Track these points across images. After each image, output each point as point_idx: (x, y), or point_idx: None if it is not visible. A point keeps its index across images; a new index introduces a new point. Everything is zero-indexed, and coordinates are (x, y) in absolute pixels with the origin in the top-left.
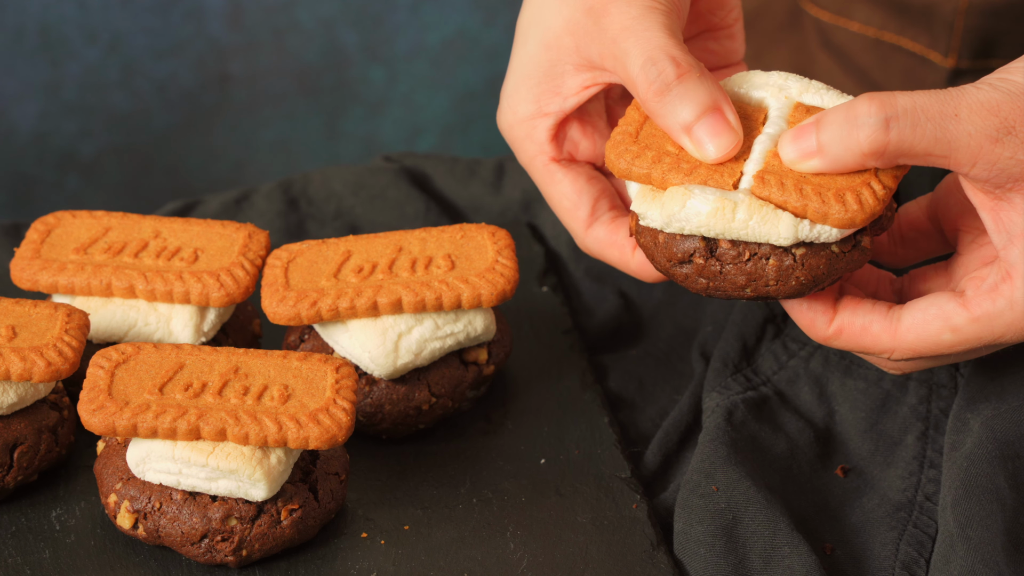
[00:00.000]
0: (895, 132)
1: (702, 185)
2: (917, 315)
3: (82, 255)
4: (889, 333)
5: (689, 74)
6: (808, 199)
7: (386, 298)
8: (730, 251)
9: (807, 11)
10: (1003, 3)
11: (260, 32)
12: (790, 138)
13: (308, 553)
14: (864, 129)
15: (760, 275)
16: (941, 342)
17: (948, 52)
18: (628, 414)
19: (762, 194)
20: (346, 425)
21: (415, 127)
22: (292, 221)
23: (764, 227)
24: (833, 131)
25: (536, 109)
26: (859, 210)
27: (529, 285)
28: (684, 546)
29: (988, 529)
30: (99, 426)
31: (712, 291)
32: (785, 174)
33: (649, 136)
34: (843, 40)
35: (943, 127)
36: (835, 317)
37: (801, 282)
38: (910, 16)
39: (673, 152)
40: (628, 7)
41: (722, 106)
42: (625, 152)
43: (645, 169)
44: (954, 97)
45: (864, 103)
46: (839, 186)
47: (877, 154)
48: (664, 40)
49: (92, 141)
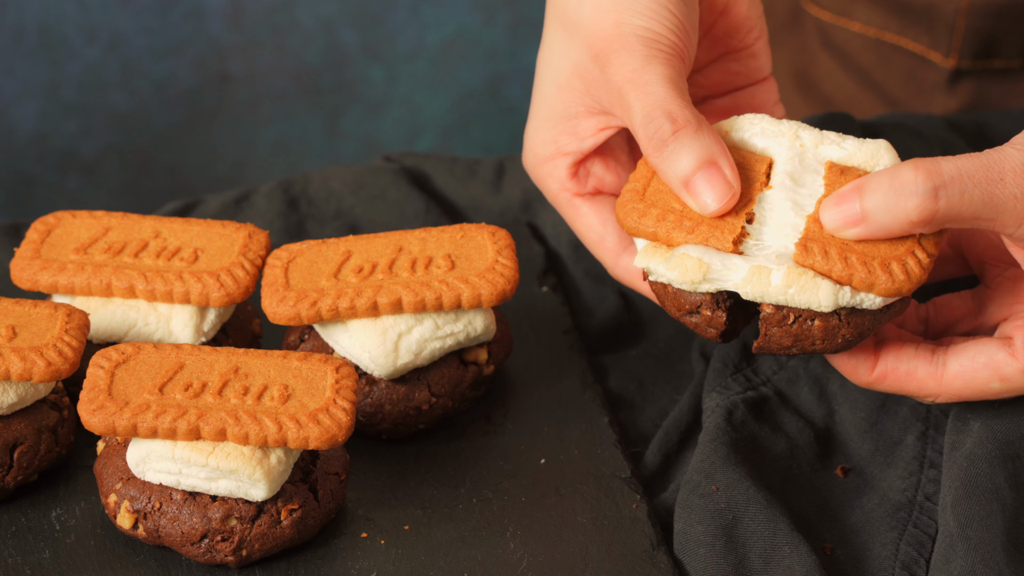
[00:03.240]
0: (944, 201)
1: (713, 250)
2: (965, 362)
3: (82, 255)
4: (935, 379)
5: (685, 129)
6: (854, 269)
7: (386, 298)
8: (774, 315)
9: (808, 11)
10: (1004, 4)
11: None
12: (832, 204)
13: (308, 553)
14: (913, 199)
15: (807, 335)
16: (989, 390)
17: (949, 52)
18: (628, 414)
19: (805, 263)
20: (346, 425)
21: (415, 127)
22: (292, 221)
23: (804, 295)
24: (878, 199)
25: (555, 150)
26: (906, 280)
27: (529, 285)
28: (684, 546)
29: (988, 529)
30: (99, 426)
31: (725, 338)
32: (828, 241)
33: (656, 192)
34: (844, 40)
35: (990, 192)
36: (877, 363)
37: (847, 339)
38: (911, 17)
39: (678, 209)
40: (630, 57)
41: (718, 160)
42: (632, 211)
43: (651, 227)
44: (997, 161)
45: (910, 171)
46: (883, 255)
47: (925, 222)
48: (663, 94)
49: (92, 141)
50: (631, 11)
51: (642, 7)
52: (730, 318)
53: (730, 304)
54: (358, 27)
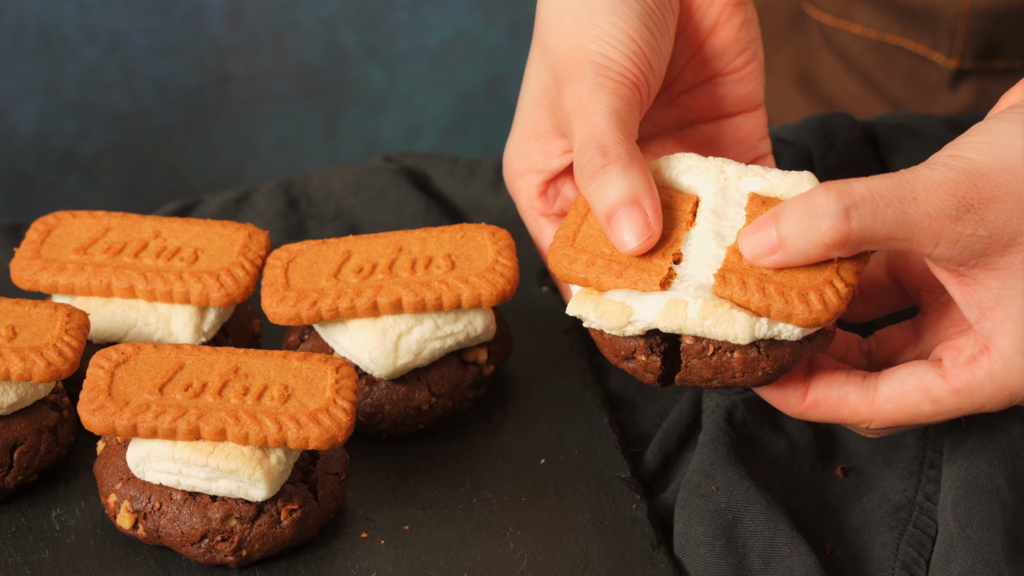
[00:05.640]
0: (856, 221)
1: (630, 291)
2: (895, 385)
3: (82, 255)
4: (867, 404)
5: (614, 164)
6: (771, 299)
7: (386, 298)
8: (694, 346)
9: (809, 14)
10: (1004, 7)
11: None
12: (749, 233)
13: (308, 553)
14: (825, 221)
15: (726, 368)
16: (920, 412)
17: (951, 53)
18: (628, 414)
19: (723, 293)
20: (346, 425)
21: (415, 127)
22: (292, 221)
23: (720, 327)
24: (792, 224)
25: (527, 166)
26: (823, 310)
27: (529, 285)
28: (684, 546)
29: (988, 529)
30: (99, 426)
31: (663, 382)
32: (746, 272)
33: (586, 238)
34: (846, 42)
35: (903, 211)
36: (808, 392)
37: (768, 372)
38: (912, 19)
39: (607, 254)
40: (579, 84)
41: (642, 199)
42: (563, 257)
43: (582, 273)
44: (909, 180)
45: (821, 194)
46: (801, 284)
47: (839, 244)
48: (602, 126)
49: (92, 141)
50: (589, 35)
51: (601, 32)
52: (667, 362)
53: (665, 348)
54: (358, 27)
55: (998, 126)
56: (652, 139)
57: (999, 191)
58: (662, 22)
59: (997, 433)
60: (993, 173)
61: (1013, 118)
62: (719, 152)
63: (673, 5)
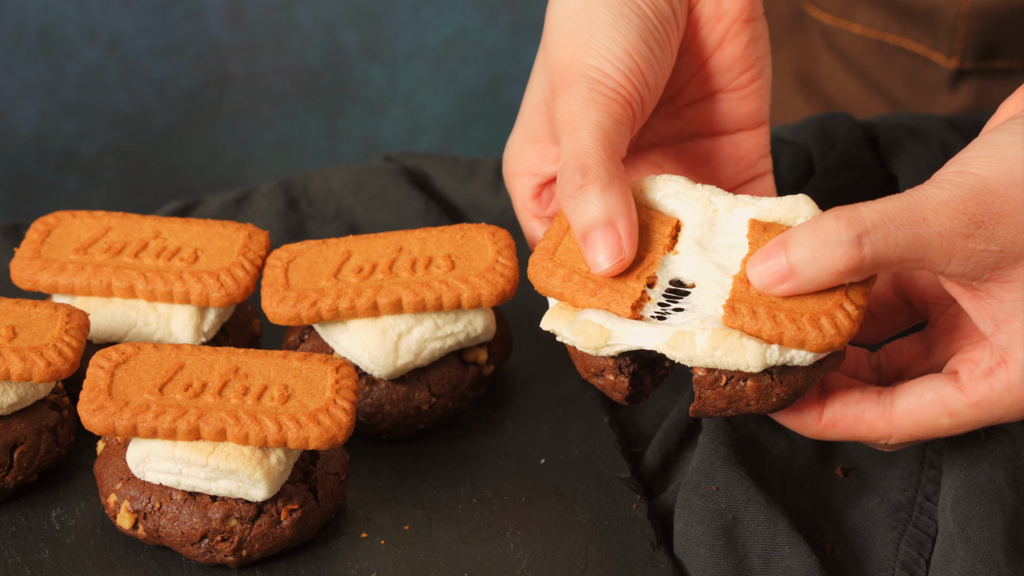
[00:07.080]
0: (868, 247)
1: (605, 313)
2: (913, 400)
3: (82, 255)
4: (884, 420)
5: (593, 184)
6: (783, 327)
7: (386, 298)
8: (706, 377)
9: (809, 13)
10: (1005, 7)
11: (260, 32)
12: (757, 261)
13: (308, 553)
14: (838, 248)
15: (741, 396)
16: (939, 426)
17: (951, 53)
18: (628, 414)
19: (734, 324)
20: (346, 425)
21: (415, 127)
22: (292, 221)
23: (731, 357)
24: (804, 252)
25: (524, 167)
26: (836, 334)
27: (529, 285)
28: (684, 546)
29: (988, 529)
30: (99, 426)
31: (632, 401)
32: (755, 301)
33: (565, 252)
34: (846, 42)
35: (914, 233)
36: (824, 412)
37: (782, 398)
38: (912, 19)
39: (583, 270)
40: (571, 98)
41: (617, 221)
42: (541, 269)
43: (558, 288)
44: (918, 201)
45: (832, 221)
46: (812, 310)
47: (853, 271)
48: (587, 143)
49: (92, 141)
50: (587, 49)
51: (599, 46)
52: (635, 382)
53: (634, 369)
54: (358, 27)
55: (1002, 139)
56: (652, 149)
57: (1008, 205)
58: (663, 37)
59: (997, 433)
60: (1001, 188)
61: (1016, 130)
62: (717, 168)
63: (679, 20)
